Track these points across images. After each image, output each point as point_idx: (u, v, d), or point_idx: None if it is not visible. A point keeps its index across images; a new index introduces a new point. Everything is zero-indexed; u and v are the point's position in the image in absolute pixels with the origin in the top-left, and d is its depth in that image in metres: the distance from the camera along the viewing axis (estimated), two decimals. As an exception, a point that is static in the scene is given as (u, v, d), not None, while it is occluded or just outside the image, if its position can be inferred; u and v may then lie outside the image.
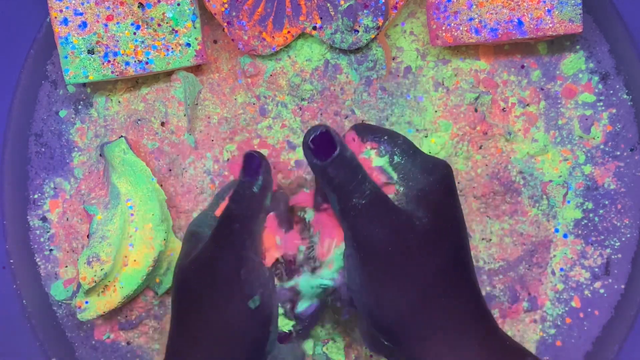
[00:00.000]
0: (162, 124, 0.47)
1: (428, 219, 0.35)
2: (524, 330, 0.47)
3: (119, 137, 0.46)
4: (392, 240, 0.35)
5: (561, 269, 0.47)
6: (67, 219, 0.48)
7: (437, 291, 0.35)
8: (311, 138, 0.36)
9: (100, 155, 0.47)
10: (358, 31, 0.45)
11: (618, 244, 0.47)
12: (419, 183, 0.37)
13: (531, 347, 0.47)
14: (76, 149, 0.49)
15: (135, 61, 0.45)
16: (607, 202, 0.47)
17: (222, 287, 0.37)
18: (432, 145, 0.46)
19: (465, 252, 0.36)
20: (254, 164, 0.38)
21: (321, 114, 0.47)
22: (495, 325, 0.36)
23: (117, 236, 0.44)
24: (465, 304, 0.35)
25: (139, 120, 0.47)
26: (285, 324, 0.39)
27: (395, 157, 0.38)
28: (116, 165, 0.45)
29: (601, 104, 0.47)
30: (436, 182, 0.37)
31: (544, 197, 0.47)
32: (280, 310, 0.39)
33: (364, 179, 0.36)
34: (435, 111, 0.47)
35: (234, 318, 0.37)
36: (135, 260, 0.44)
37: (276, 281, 0.39)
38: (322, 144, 0.36)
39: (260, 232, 0.38)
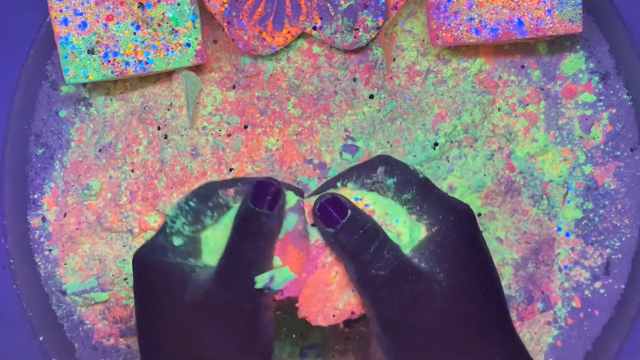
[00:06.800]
0: (164, 122, 0.47)
1: (446, 282, 0.33)
2: (541, 333, 0.47)
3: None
4: (413, 314, 0.33)
5: (565, 267, 0.47)
6: (65, 215, 0.49)
7: (464, 354, 0.33)
8: (318, 206, 0.34)
9: (100, 151, 0.47)
10: (358, 31, 0.45)
11: (618, 244, 0.47)
12: (433, 225, 0.35)
13: (544, 349, 0.47)
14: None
15: (135, 61, 0.45)
16: (607, 202, 0.47)
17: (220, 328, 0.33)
18: (432, 147, 0.46)
19: (492, 303, 0.35)
20: (270, 192, 0.34)
21: (322, 114, 0.47)
22: None
23: None
24: (497, 355, 0.34)
25: (141, 116, 0.47)
26: None
27: (406, 194, 0.35)
28: None
29: (601, 104, 0.47)
30: (453, 229, 0.34)
31: (544, 197, 0.47)
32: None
33: (383, 244, 0.33)
34: (436, 111, 0.47)
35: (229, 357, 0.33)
36: None
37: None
38: (331, 210, 0.33)
39: (269, 260, 0.35)
